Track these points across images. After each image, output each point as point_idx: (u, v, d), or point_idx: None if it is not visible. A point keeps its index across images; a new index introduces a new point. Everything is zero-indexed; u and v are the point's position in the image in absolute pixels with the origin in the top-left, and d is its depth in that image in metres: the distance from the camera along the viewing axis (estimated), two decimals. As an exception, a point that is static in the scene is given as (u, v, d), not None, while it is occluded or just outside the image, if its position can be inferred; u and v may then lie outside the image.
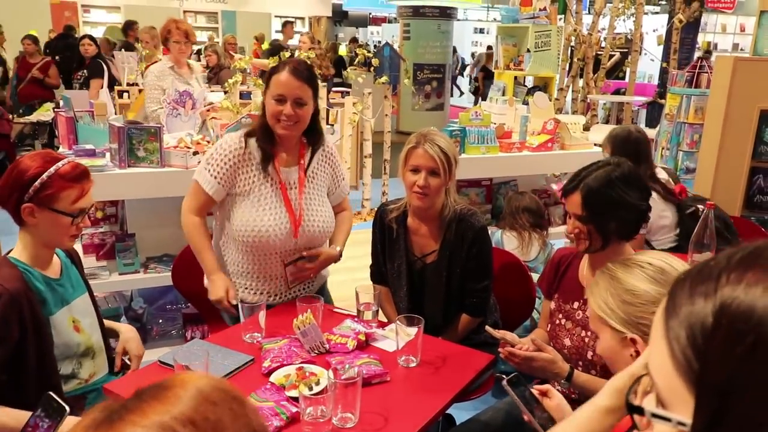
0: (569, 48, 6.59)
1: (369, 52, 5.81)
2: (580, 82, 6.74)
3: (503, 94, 4.62)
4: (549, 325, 1.92)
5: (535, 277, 2.86)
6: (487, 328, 1.75)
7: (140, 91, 5.29)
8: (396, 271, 2.17)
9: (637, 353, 1.13)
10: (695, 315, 0.44)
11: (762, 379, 0.40)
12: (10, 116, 6.30)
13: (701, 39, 9.60)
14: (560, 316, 1.87)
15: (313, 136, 2.12)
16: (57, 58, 7.36)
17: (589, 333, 1.80)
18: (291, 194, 2.06)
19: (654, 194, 2.43)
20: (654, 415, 0.46)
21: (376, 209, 2.27)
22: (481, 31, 14.06)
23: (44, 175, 1.60)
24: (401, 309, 2.17)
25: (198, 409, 0.57)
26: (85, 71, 6.36)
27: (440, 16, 9.92)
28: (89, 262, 2.96)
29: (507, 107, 4.03)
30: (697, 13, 6.79)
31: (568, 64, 6.62)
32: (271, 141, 2.02)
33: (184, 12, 12.85)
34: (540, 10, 5.05)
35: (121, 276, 2.97)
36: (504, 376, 1.38)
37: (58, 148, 3.72)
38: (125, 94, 5.62)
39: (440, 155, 1.98)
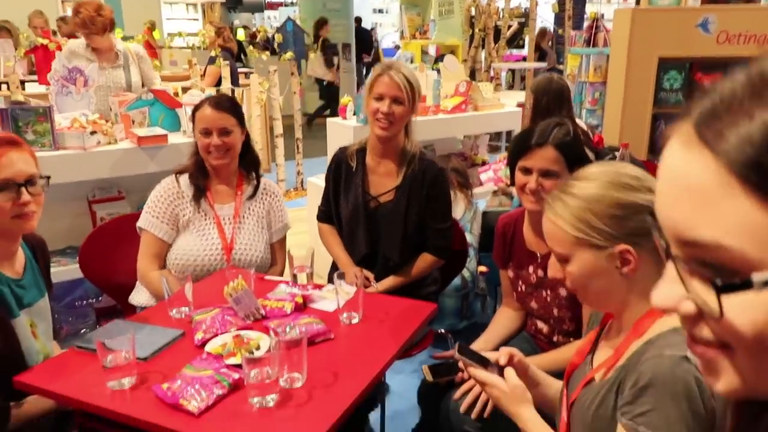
0: (470, 19, 6.69)
1: (270, 29, 5.63)
2: (483, 53, 6.88)
3: (411, 63, 4.60)
4: (515, 294, 1.95)
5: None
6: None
7: (22, 83, 4.83)
8: (351, 210, 2.14)
9: (624, 262, 1.11)
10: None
11: None
12: None
13: (588, 9, 10.07)
14: (520, 282, 1.91)
15: (248, 164, 2.17)
16: None
17: (549, 291, 1.82)
18: (226, 228, 2.09)
19: None
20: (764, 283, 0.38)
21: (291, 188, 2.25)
22: (380, 11, 14.01)
23: None
24: (358, 250, 2.15)
25: None
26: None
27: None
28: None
29: (418, 74, 4.01)
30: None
31: (469, 36, 6.72)
32: (205, 176, 2.10)
33: (63, 1, 11.89)
34: (441, -23, 5.07)
35: (19, 274, 2.69)
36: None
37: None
38: (4, 86, 5.10)
39: (405, 83, 2.02)
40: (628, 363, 1.09)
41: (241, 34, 10.61)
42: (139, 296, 2.13)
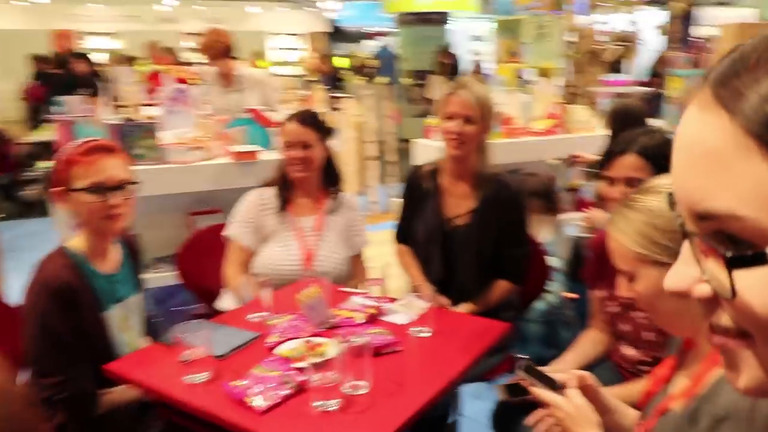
0: (568, 44, 6.56)
1: (368, 58, 5.82)
2: (580, 78, 6.70)
3: (503, 86, 4.57)
4: (605, 316, 1.86)
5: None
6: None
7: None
8: (427, 233, 2.12)
9: None
10: None
11: None
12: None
13: (695, 31, 9.57)
14: (611, 303, 1.82)
15: (330, 179, 2.24)
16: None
17: (642, 313, 1.73)
18: (307, 240, 2.17)
19: None
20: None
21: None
22: (478, 38, 14.01)
23: (61, 156, 1.56)
24: (433, 273, 2.11)
25: None
26: (84, 90, 6.36)
27: (423, 23, 9.85)
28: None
29: (509, 97, 3.97)
30: (693, 5, 6.75)
31: (568, 59, 6.58)
32: (288, 189, 2.19)
33: (181, 34, 12.94)
34: (535, 0, 5.02)
35: (125, 278, 2.91)
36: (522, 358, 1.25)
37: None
38: (128, 110, 5.58)
39: (475, 102, 1.98)
40: (708, 393, 1.00)
41: (341, 62, 11.02)
42: (225, 302, 2.24)
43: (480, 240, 2.05)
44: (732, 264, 0.36)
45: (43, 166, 5.39)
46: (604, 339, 1.88)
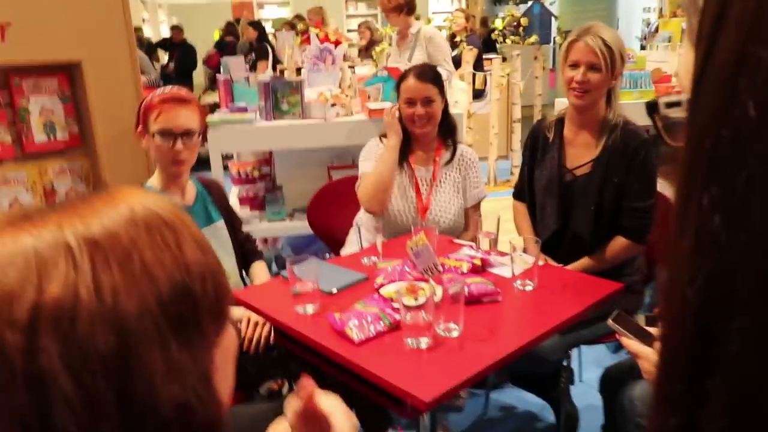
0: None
1: (521, 17, 5.63)
2: None
3: (669, 42, 4.17)
4: None
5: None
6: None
7: (298, 69, 5.63)
8: (545, 183, 2.06)
9: None
10: None
11: None
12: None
13: None
14: None
15: (446, 130, 2.25)
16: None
17: None
18: (422, 188, 2.21)
19: None
20: (667, 105, 0.44)
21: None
22: (649, 9, 12.76)
23: (145, 101, 1.78)
24: (548, 225, 2.06)
25: (111, 230, 0.48)
26: (253, 54, 6.90)
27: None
28: (244, 212, 3.22)
29: (669, 53, 3.64)
30: None
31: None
32: (407, 141, 2.23)
33: (346, 0, 13.41)
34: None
35: (269, 224, 3.20)
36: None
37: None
38: (286, 72, 5.98)
39: (602, 48, 1.86)
40: None
41: (498, 24, 10.71)
42: (347, 249, 2.38)
43: (600, 191, 1.95)
44: (650, 112, 0.46)
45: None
46: None
